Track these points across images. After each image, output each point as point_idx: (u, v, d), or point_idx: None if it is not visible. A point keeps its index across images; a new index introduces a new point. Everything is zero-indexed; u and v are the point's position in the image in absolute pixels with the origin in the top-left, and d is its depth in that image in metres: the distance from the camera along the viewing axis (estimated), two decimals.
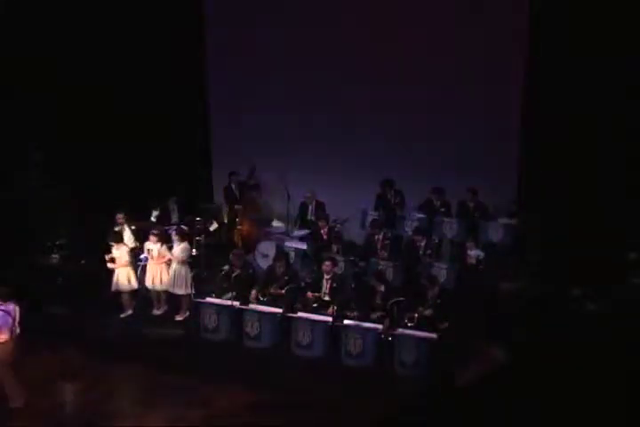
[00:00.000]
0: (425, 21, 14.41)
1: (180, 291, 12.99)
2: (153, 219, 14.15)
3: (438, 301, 11.63)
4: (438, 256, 13.44)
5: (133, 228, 13.79)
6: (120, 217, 13.74)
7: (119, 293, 13.16)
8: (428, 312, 11.57)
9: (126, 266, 13.02)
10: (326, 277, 12.27)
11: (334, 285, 12.19)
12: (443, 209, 14.39)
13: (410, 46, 14.51)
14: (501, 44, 13.89)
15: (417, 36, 14.45)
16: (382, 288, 12.01)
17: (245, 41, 15.67)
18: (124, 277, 13.04)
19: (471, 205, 14.20)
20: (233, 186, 15.59)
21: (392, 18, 14.58)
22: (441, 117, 14.57)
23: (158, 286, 13.13)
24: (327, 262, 12.33)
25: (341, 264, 13.37)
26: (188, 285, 12.99)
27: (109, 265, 13.01)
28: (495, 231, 13.87)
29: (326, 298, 12.19)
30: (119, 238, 13.23)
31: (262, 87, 15.72)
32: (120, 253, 13.01)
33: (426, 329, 11.28)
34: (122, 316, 13.15)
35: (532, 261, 12.78)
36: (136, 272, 13.15)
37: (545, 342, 10.72)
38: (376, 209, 14.62)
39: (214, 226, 14.79)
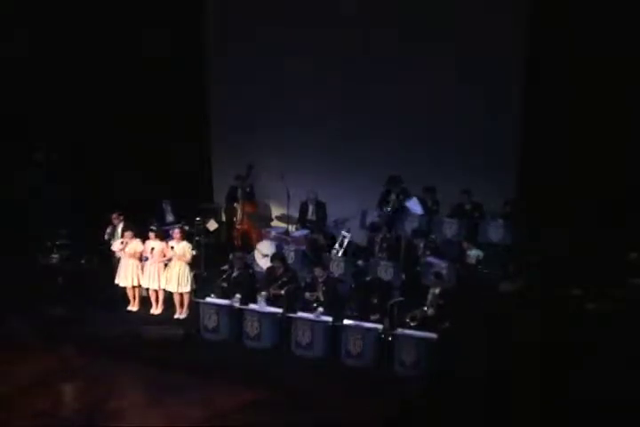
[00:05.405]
0: (425, 21, 14.40)
1: (182, 289, 13.02)
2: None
3: (441, 301, 11.65)
4: (437, 256, 13.41)
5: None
6: (115, 216, 13.80)
7: (124, 287, 13.30)
8: (430, 312, 11.58)
9: (135, 259, 13.19)
10: (320, 280, 12.30)
11: (324, 288, 12.21)
12: (435, 208, 14.43)
13: (410, 46, 14.51)
14: (502, 43, 13.88)
15: (416, 36, 14.44)
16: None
17: (246, 41, 15.66)
18: (129, 270, 13.17)
19: (468, 206, 14.19)
20: (237, 188, 15.59)
21: (392, 17, 14.59)
22: (441, 117, 14.56)
23: (156, 285, 13.16)
24: (317, 269, 12.40)
25: (342, 264, 13.40)
26: (190, 284, 13.03)
27: (120, 252, 13.22)
28: (495, 231, 13.88)
29: (322, 299, 12.22)
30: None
31: (262, 87, 15.71)
32: (134, 246, 13.19)
33: (426, 329, 11.30)
34: (128, 308, 13.33)
35: (532, 261, 12.78)
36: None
37: (545, 342, 10.72)
38: (379, 206, 14.60)
39: (214, 226, 14.80)
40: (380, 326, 11.50)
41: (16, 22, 14.71)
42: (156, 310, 13.29)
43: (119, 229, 13.76)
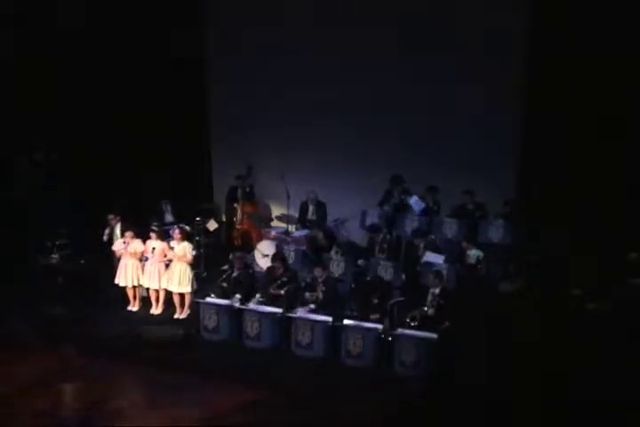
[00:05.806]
0: (425, 21, 14.41)
1: (182, 290, 13.02)
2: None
3: (441, 301, 11.64)
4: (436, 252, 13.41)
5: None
6: (112, 217, 13.81)
7: (124, 287, 13.29)
8: (430, 312, 11.58)
9: (135, 259, 13.19)
10: (319, 280, 12.30)
11: (324, 288, 12.22)
12: (435, 208, 14.44)
13: (409, 46, 14.51)
14: (502, 43, 13.88)
15: (416, 36, 14.44)
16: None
17: (246, 41, 15.66)
18: (129, 270, 13.17)
19: (471, 206, 14.21)
20: (237, 188, 15.59)
21: (392, 17, 14.59)
22: (441, 117, 14.56)
23: (157, 285, 13.15)
24: (317, 269, 12.40)
25: (342, 264, 13.40)
26: (190, 284, 13.02)
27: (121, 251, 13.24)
28: (495, 231, 13.88)
29: (322, 299, 12.21)
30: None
31: (262, 87, 15.71)
32: (135, 246, 13.20)
33: (426, 329, 11.29)
34: (128, 308, 13.35)
35: (532, 261, 12.77)
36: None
37: (545, 342, 10.72)
38: (380, 205, 14.60)
39: (214, 226, 14.80)
40: (380, 326, 11.49)
41: (15, 22, 14.71)
42: (156, 310, 13.29)
43: (117, 230, 13.78)
